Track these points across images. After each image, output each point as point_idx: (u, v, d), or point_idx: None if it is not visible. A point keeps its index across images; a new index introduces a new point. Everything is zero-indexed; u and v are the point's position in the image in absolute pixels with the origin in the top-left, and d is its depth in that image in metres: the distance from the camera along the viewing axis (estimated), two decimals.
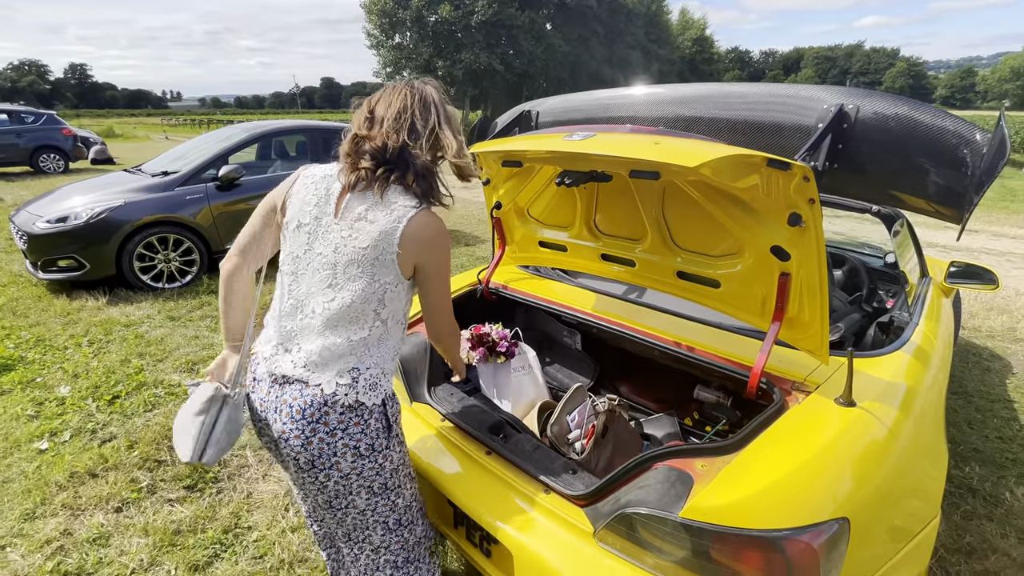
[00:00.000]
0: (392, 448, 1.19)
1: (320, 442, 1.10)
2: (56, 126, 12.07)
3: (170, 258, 4.54)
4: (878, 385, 1.34)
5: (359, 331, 1.12)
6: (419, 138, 1.12)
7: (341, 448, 1.11)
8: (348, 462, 1.12)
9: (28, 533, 1.92)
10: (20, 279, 4.68)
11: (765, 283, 1.35)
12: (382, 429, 1.15)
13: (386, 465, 1.18)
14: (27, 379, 2.98)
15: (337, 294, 1.11)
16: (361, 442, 1.13)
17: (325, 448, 1.10)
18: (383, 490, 1.19)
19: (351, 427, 1.11)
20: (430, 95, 1.16)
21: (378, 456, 1.16)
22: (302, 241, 1.15)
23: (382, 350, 1.16)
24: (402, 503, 1.25)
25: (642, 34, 36.56)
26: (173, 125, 40.20)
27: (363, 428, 1.12)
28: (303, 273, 1.15)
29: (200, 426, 1.14)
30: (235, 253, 1.27)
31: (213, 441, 1.16)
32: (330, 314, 1.11)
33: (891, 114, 1.22)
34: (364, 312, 1.12)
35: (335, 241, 1.11)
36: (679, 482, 1.09)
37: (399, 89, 1.16)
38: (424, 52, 24.51)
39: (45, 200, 4.64)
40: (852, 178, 1.33)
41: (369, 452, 1.14)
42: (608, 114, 1.75)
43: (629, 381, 2.05)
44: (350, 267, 1.10)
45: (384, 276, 1.11)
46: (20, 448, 2.39)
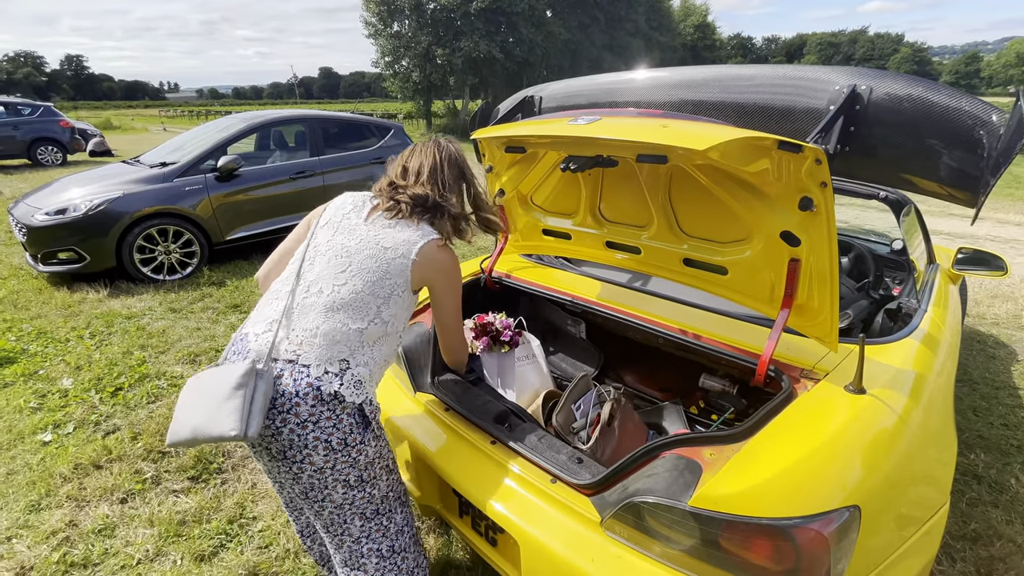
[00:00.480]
0: (367, 443, 1.17)
1: (291, 433, 1.09)
2: (53, 118, 11.99)
3: (170, 250, 4.52)
4: (888, 372, 1.32)
5: (359, 321, 1.16)
6: (452, 192, 1.32)
7: (312, 441, 1.10)
8: (320, 455, 1.11)
9: (34, 524, 1.92)
10: (20, 272, 4.67)
11: (774, 269, 1.33)
12: (356, 424, 1.14)
13: (360, 459, 1.17)
14: (29, 371, 2.98)
15: (349, 280, 1.18)
16: (333, 436, 1.11)
17: (296, 440, 1.09)
18: (359, 483, 1.18)
19: (322, 420, 1.10)
20: (456, 154, 1.37)
21: (351, 451, 1.14)
22: (327, 235, 1.26)
23: (375, 352, 1.19)
24: (379, 493, 1.24)
25: (643, 21, 36.04)
26: (171, 116, 39.94)
27: (335, 423, 1.11)
28: (319, 257, 1.23)
29: (242, 399, 1.05)
30: (270, 264, 1.41)
31: (255, 412, 1.07)
32: (337, 297, 1.16)
33: (905, 95, 1.19)
34: (368, 304, 1.17)
35: (359, 236, 1.23)
36: (687, 471, 1.08)
37: (427, 147, 1.36)
38: (423, 41, 24.18)
39: (43, 192, 4.61)
40: (863, 161, 1.30)
41: (342, 447, 1.13)
42: (612, 98, 1.71)
43: (634, 370, 2.04)
44: (367, 260, 1.20)
45: (396, 277, 1.21)
46: (24, 440, 2.39)
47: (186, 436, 1.06)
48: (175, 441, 1.07)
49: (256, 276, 1.42)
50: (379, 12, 24.43)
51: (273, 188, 5.01)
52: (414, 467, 1.59)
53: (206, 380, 1.10)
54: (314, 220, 1.34)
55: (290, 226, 5.38)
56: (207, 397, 1.07)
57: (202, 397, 1.09)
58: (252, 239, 4.97)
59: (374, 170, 5.79)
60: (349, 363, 1.13)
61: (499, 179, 1.89)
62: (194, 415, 1.07)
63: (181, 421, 1.08)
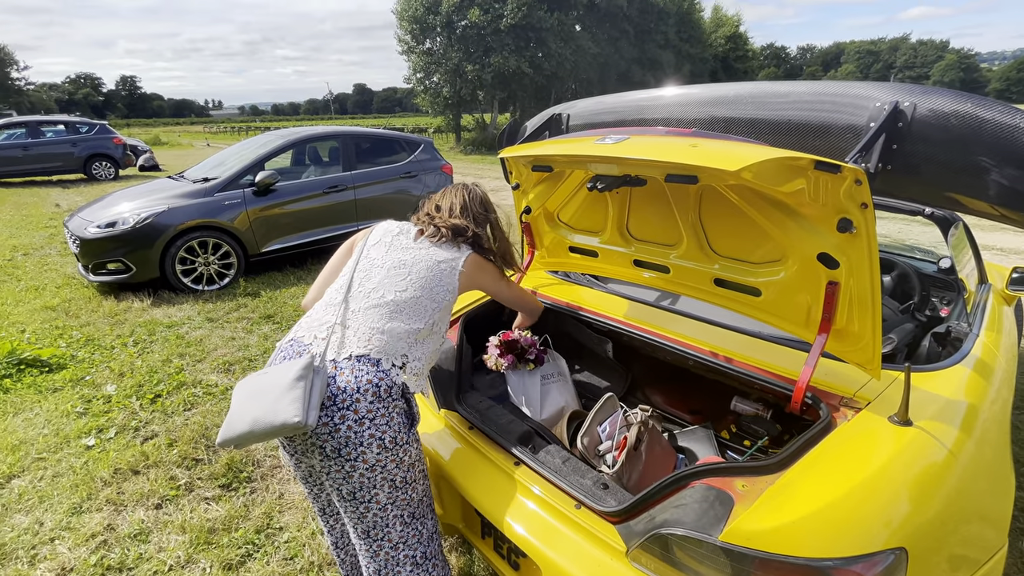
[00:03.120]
0: (411, 443, 1.25)
1: (348, 429, 1.14)
2: (108, 135, 12.75)
3: (209, 261, 4.71)
4: (936, 402, 1.24)
5: (417, 322, 1.31)
6: (481, 227, 1.50)
7: (367, 438, 1.15)
8: (374, 453, 1.16)
9: (75, 527, 2.00)
10: (73, 281, 4.94)
11: (811, 292, 1.28)
12: (404, 424, 1.22)
13: (405, 459, 1.23)
14: (77, 377, 3.13)
15: (409, 287, 1.34)
16: (386, 434, 1.18)
17: (353, 436, 1.14)
18: (403, 483, 1.23)
19: (378, 418, 1.16)
20: (482, 195, 1.57)
21: (399, 450, 1.20)
22: (381, 251, 1.42)
23: (426, 348, 1.33)
24: (416, 497, 1.28)
25: (673, 33, 35.88)
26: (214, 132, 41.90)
27: (387, 421, 1.18)
28: (376, 270, 1.37)
29: (303, 390, 1.10)
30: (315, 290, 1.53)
31: (313, 404, 1.10)
32: (400, 301, 1.31)
33: (951, 111, 1.13)
34: (425, 307, 1.33)
35: (413, 252, 1.41)
36: (718, 502, 1.04)
37: (457, 189, 1.56)
38: (453, 57, 24.70)
39: (96, 206, 4.89)
40: (906, 180, 1.24)
41: (393, 445, 1.19)
42: (641, 116, 1.70)
43: (662, 390, 1.99)
44: (424, 271, 1.37)
45: (447, 284, 1.39)
46: (69, 444, 2.51)
47: (244, 429, 1.07)
48: (228, 436, 1.08)
49: (303, 303, 1.54)
50: (412, 30, 25.12)
51: (307, 202, 5.17)
52: (437, 484, 1.58)
53: (260, 379, 1.14)
54: (359, 242, 1.49)
55: (322, 238, 5.50)
56: (265, 392, 1.11)
57: (259, 393, 1.12)
58: (286, 251, 5.13)
59: (404, 184, 5.92)
60: (408, 357, 1.26)
61: (526, 196, 1.90)
62: (252, 408, 1.10)
63: (238, 415, 1.10)
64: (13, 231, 7.01)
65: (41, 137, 11.98)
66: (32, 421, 2.69)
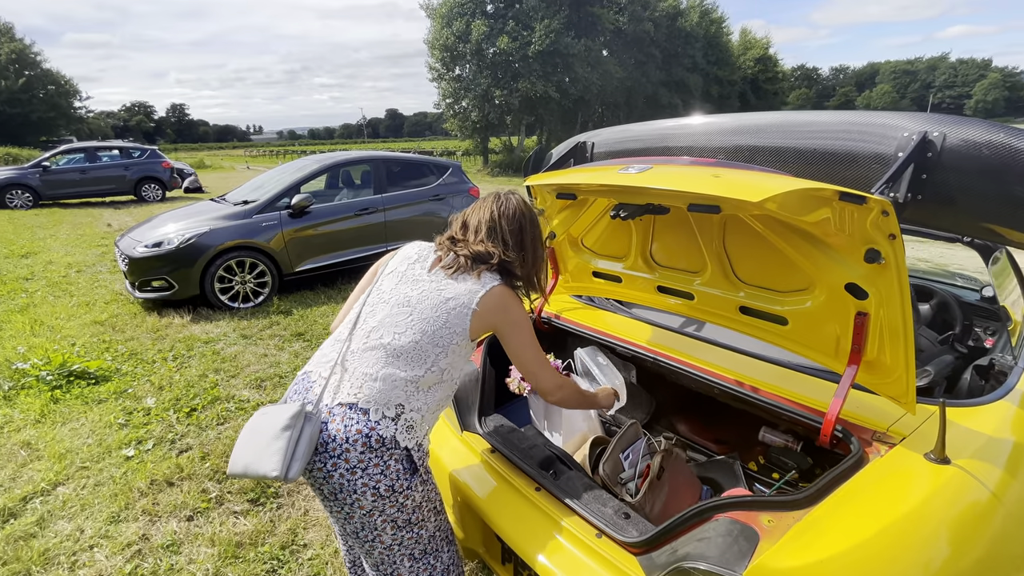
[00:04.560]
0: (414, 488, 1.18)
1: (340, 477, 1.11)
2: (158, 160, 13.55)
3: (246, 280, 4.90)
4: (978, 440, 1.19)
5: (416, 369, 1.18)
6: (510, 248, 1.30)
7: (360, 487, 1.12)
8: (369, 500, 1.13)
9: (112, 535, 2.08)
10: (120, 297, 5.21)
11: (839, 322, 1.25)
12: (403, 471, 1.15)
13: (407, 504, 1.18)
14: (120, 390, 3.28)
15: (408, 329, 1.20)
16: (380, 483, 1.13)
17: (345, 484, 1.11)
18: (407, 524, 1.20)
19: (370, 467, 1.11)
20: (516, 207, 1.34)
21: (398, 496, 1.16)
22: (392, 283, 1.29)
23: (429, 398, 1.20)
24: (426, 534, 1.25)
25: (701, 56, 36.00)
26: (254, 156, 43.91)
27: (382, 470, 1.12)
28: (382, 305, 1.26)
29: (287, 442, 1.09)
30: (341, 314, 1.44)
31: (297, 456, 1.09)
32: (397, 345, 1.18)
33: (984, 141, 1.11)
34: (427, 353, 1.19)
35: (422, 287, 1.25)
36: (743, 537, 1.02)
37: (487, 202, 1.35)
38: (482, 83, 25.37)
39: (145, 227, 5.18)
40: (940, 209, 1.22)
41: (389, 493, 1.14)
42: (665, 144, 1.72)
43: (687, 419, 1.95)
44: (428, 310, 1.21)
45: (456, 327, 1.21)
46: (111, 454, 2.62)
47: (238, 470, 1.11)
48: (231, 473, 1.13)
49: (331, 325, 1.45)
50: (443, 58, 25.98)
51: (339, 224, 5.35)
52: (458, 508, 1.59)
53: (261, 419, 1.14)
54: (380, 267, 1.38)
55: (353, 258, 5.66)
56: (259, 435, 1.11)
57: (255, 435, 1.12)
58: (318, 271, 5.30)
59: (432, 206, 6.06)
60: (404, 407, 1.16)
61: (550, 222, 1.93)
62: (247, 451, 1.11)
63: (236, 455, 1.12)
64: (69, 249, 7.47)
65: (98, 161, 12.82)
66: (78, 431, 2.83)
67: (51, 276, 6.01)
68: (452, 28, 24.95)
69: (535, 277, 1.38)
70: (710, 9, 37.95)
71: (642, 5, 30.06)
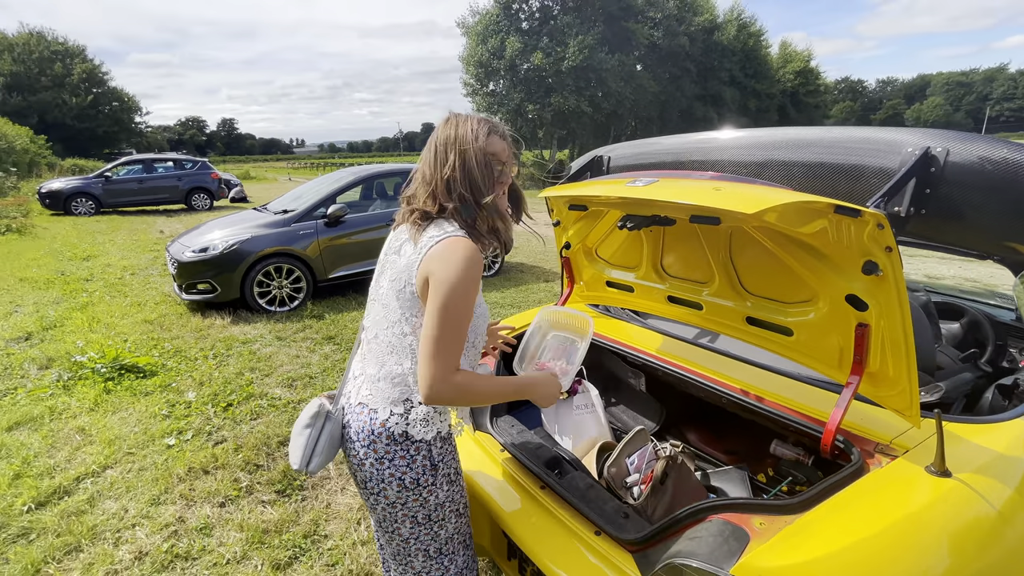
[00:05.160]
0: (438, 485, 1.21)
1: (371, 466, 1.17)
2: (207, 171, 14.37)
3: (282, 285, 5.15)
4: (985, 455, 1.18)
5: (405, 361, 1.14)
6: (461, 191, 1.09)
7: (388, 477, 1.17)
8: (394, 491, 1.17)
9: (152, 516, 2.25)
10: (168, 299, 5.56)
11: (842, 333, 1.27)
12: (429, 467, 1.18)
13: (430, 500, 1.21)
14: (165, 384, 3.52)
15: (388, 317, 1.16)
16: (407, 475, 1.17)
17: (375, 473, 1.17)
18: (426, 521, 1.23)
19: (397, 459, 1.16)
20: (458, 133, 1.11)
21: (422, 491, 1.19)
22: (377, 275, 1.26)
23: None
24: (444, 534, 1.27)
25: (738, 69, 35.57)
26: (296, 168, 45.83)
27: (408, 462, 1.16)
28: (371, 304, 1.25)
29: (307, 438, 1.20)
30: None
31: (317, 452, 1.20)
32: (386, 341, 1.16)
33: (987, 157, 1.13)
34: (404, 344, 1.14)
35: (389, 274, 1.18)
36: (733, 537, 1.04)
37: (431, 142, 1.14)
38: (515, 98, 25.87)
39: (193, 233, 5.53)
40: (945, 224, 1.23)
41: (414, 486, 1.18)
42: (678, 159, 1.77)
43: (698, 429, 1.97)
44: (395, 292, 1.13)
45: (412, 310, 1.11)
46: (154, 442, 2.82)
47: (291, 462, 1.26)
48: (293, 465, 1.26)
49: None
50: (477, 74, 26.63)
51: (371, 233, 5.57)
52: (471, 506, 1.65)
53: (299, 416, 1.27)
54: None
55: None
56: (293, 431, 1.26)
57: (295, 427, 1.26)
58: (350, 278, 5.53)
59: None
60: (412, 401, 1.16)
61: (566, 233, 2.00)
62: (290, 445, 1.27)
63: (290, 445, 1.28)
64: (125, 253, 8.01)
65: (153, 172, 13.72)
66: (126, 420, 3.05)
67: (108, 278, 6.46)
68: (487, 45, 25.57)
69: (490, 225, 1.13)
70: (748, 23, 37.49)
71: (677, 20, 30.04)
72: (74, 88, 32.88)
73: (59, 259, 7.47)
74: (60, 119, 31.43)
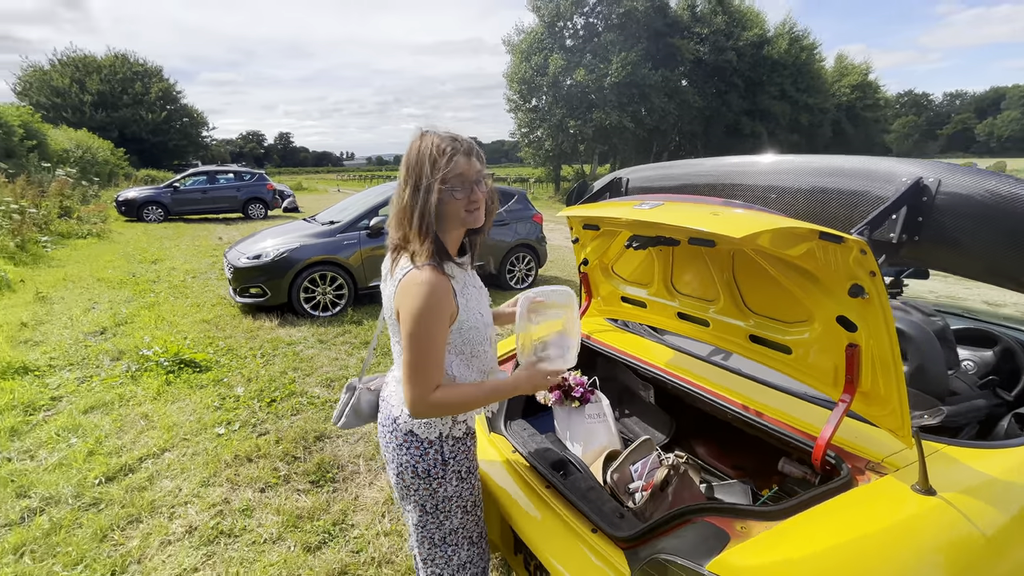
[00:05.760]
0: (447, 480, 1.30)
1: (393, 451, 1.32)
2: (263, 183, 15.34)
3: (326, 291, 5.48)
4: (977, 478, 1.20)
5: None
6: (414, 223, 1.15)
7: (404, 463, 1.29)
8: (409, 477, 1.29)
9: (202, 496, 2.49)
10: (224, 301, 6.01)
11: (834, 353, 1.32)
12: (439, 461, 1.28)
13: (439, 491, 1.30)
14: (217, 379, 3.84)
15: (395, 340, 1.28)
16: (419, 464, 1.28)
17: (395, 457, 1.32)
18: (434, 511, 1.33)
19: (412, 449, 1.28)
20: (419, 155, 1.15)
21: (432, 482, 1.29)
22: None
23: None
24: (449, 526, 1.36)
25: (788, 84, 34.54)
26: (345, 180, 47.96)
27: (421, 454, 1.28)
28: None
29: (341, 403, 1.59)
30: None
31: (345, 414, 1.55)
32: (397, 351, 1.29)
33: (977, 187, 1.17)
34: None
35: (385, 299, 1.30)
36: (714, 538, 1.12)
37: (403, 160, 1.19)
38: (557, 113, 26.14)
39: (249, 241, 5.98)
40: (941, 251, 1.26)
41: (425, 476, 1.28)
42: (692, 182, 1.86)
43: (707, 443, 2.01)
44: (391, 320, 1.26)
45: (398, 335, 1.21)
46: (206, 430, 3.10)
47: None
48: None
49: None
50: (520, 90, 27.12)
51: None
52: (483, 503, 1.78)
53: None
54: None
55: None
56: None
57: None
58: None
59: (496, 231, 6.42)
60: None
61: (584, 250, 2.12)
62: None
63: None
64: (187, 258, 8.68)
65: (216, 183, 14.77)
66: (183, 409, 3.36)
67: (172, 280, 7.04)
68: (531, 62, 26.06)
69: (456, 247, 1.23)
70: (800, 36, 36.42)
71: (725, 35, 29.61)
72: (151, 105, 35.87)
73: (131, 262, 8.20)
74: (137, 133, 34.30)
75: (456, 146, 1.15)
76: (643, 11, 25.50)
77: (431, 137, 1.17)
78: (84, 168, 18.56)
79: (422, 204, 1.14)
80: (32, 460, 2.74)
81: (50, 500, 2.41)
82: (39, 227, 9.34)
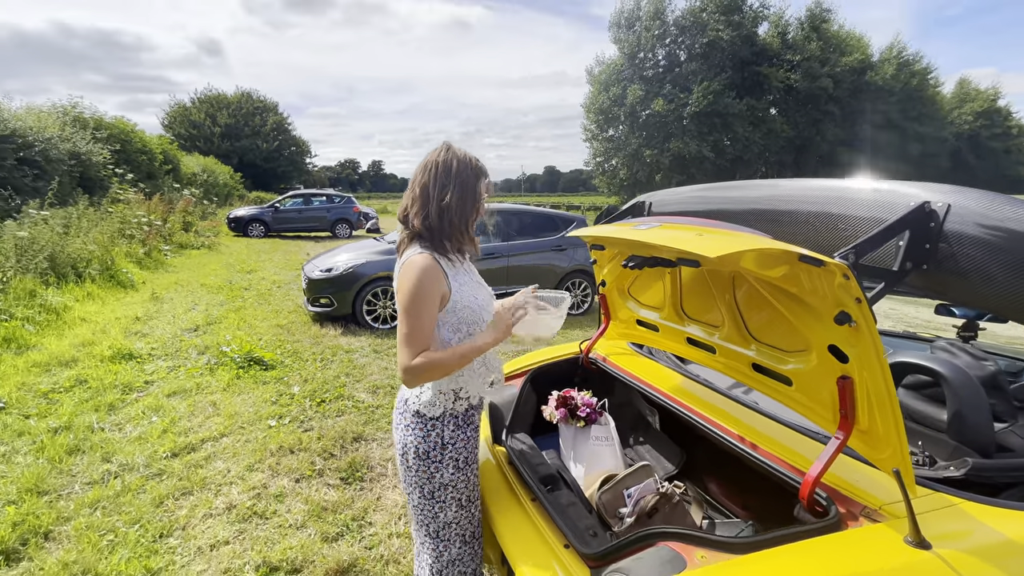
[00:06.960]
0: (444, 465, 1.40)
1: (401, 432, 1.43)
2: (351, 205, 16.69)
3: (387, 305, 5.84)
4: (989, 537, 1.06)
5: None
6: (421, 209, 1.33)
7: (408, 443, 1.40)
8: (411, 457, 1.41)
9: (245, 479, 2.75)
10: (299, 309, 6.60)
11: (830, 386, 1.24)
12: (439, 444, 1.39)
13: (436, 476, 1.39)
14: (279, 377, 4.22)
15: None
16: (421, 446, 1.39)
17: (401, 437, 1.43)
18: (430, 497, 1.42)
19: (417, 429, 1.40)
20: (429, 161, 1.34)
21: (430, 465, 1.39)
22: None
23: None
24: (443, 518, 1.43)
25: (895, 111, 31.73)
26: None
27: (424, 435, 1.39)
28: None
29: None
30: None
31: None
32: None
33: (991, 214, 1.07)
34: None
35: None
36: (671, 564, 1.09)
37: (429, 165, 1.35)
38: (633, 143, 26.03)
39: (324, 256, 6.55)
40: (953, 280, 1.16)
41: (425, 456, 1.39)
42: (705, 207, 1.84)
43: (718, 480, 1.90)
44: None
45: None
46: (261, 421, 3.42)
47: None
48: None
49: None
50: (597, 120, 27.40)
51: None
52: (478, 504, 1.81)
53: None
54: None
55: None
56: None
57: None
58: None
59: (552, 256, 6.51)
60: (424, 387, 1.41)
61: (601, 271, 2.13)
62: None
63: None
64: (277, 270, 9.64)
65: (310, 204, 16.31)
66: (246, 401, 3.73)
67: (260, 288, 7.85)
68: (609, 93, 26.32)
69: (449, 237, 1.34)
70: (911, 60, 33.55)
71: (820, 61, 28.04)
72: (266, 136, 40.69)
73: (230, 271, 9.25)
74: (253, 160, 38.95)
75: (482, 167, 1.40)
76: (728, 40, 24.92)
77: (462, 151, 1.37)
78: (207, 189, 21.34)
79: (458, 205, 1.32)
80: (119, 432, 3.19)
81: (126, 467, 2.79)
82: (164, 238, 10.86)
